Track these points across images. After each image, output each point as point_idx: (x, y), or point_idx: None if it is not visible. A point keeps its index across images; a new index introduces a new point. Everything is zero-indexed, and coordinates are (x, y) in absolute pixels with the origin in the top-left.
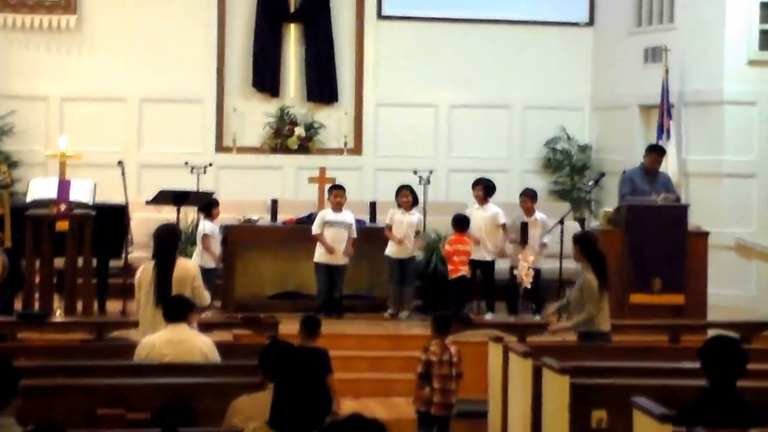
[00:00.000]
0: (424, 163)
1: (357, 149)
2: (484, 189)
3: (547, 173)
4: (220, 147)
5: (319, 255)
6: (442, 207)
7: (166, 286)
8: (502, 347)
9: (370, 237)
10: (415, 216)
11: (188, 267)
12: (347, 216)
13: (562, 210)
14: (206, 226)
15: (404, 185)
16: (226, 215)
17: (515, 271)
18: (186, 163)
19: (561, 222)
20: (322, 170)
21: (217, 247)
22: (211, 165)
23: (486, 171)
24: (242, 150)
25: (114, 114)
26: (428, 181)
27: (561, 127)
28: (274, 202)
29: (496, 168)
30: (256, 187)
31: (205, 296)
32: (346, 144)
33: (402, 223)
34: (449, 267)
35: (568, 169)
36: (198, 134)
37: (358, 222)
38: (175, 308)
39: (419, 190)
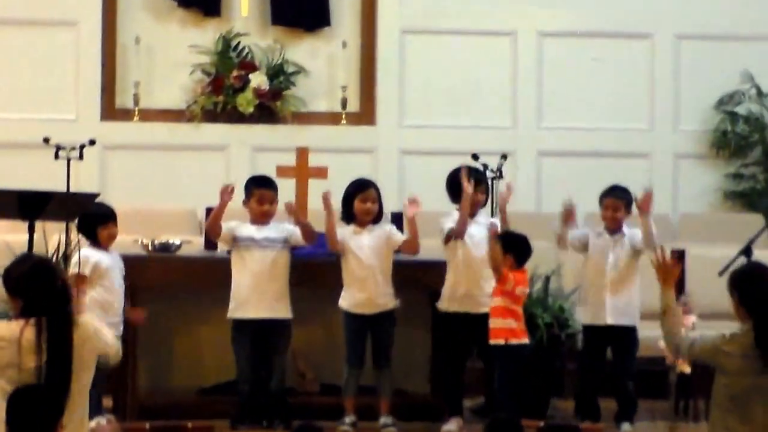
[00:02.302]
0: (492, 139)
1: (366, 114)
2: (487, 190)
3: (720, 159)
4: (110, 110)
5: (234, 306)
6: (529, 221)
7: (61, 365)
8: None
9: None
10: (376, 234)
11: (87, 326)
12: (280, 229)
13: (751, 227)
14: (91, 257)
15: (367, 181)
16: (121, 237)
17: (660, 344)
18: (46, 141)
19: (747, 251)
20: (302, 153)
21: (118, 295)
22: (93, 143)
23: (607, 154)
24: (151, 115)
25: None
26: (500, 174)
27: (745, 74)
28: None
29: (628, 149)
30: (178, 185)
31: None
32: (345, 104)
33: (361, 248)
34: (504, 321)
35: (761, 150)
36: (69, 86)
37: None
38: (31, 411)
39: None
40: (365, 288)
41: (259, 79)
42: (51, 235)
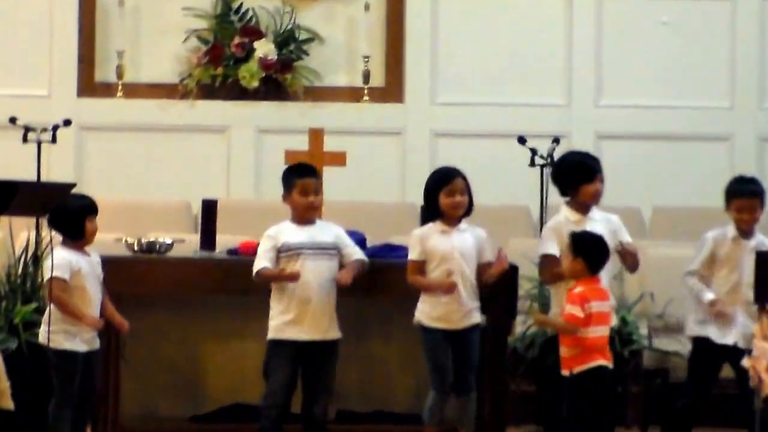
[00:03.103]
0: (541, 120)
1: (392, 90)
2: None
3: None
4: (89, 85)
5: (278, 325)
6: None
7: None
8: None
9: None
10: (469, 235)
11: None
12: (329, 231)
13: None
14: (63, 260)
15: (452, 169)
16: (102, 235)
17: (743, 363)
18: (13, 120)
19: None
20: (316, 135)
21: (95, 305)
22: (68, 124)
23: (679, 137)
24: (137, 91)
25: None
26: (552, 160)
27: None
28: (209, 207)
29: (704, 131)
30: (169, 173)
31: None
32: (368, 78)
33: (451, 254)
34: (569, 350)
35: None
36: (41, 57)
37: (384, 249)
38: None
39: (534, 176)
40: (451, 298)
41: (265, 48)
42: (19, 233)
